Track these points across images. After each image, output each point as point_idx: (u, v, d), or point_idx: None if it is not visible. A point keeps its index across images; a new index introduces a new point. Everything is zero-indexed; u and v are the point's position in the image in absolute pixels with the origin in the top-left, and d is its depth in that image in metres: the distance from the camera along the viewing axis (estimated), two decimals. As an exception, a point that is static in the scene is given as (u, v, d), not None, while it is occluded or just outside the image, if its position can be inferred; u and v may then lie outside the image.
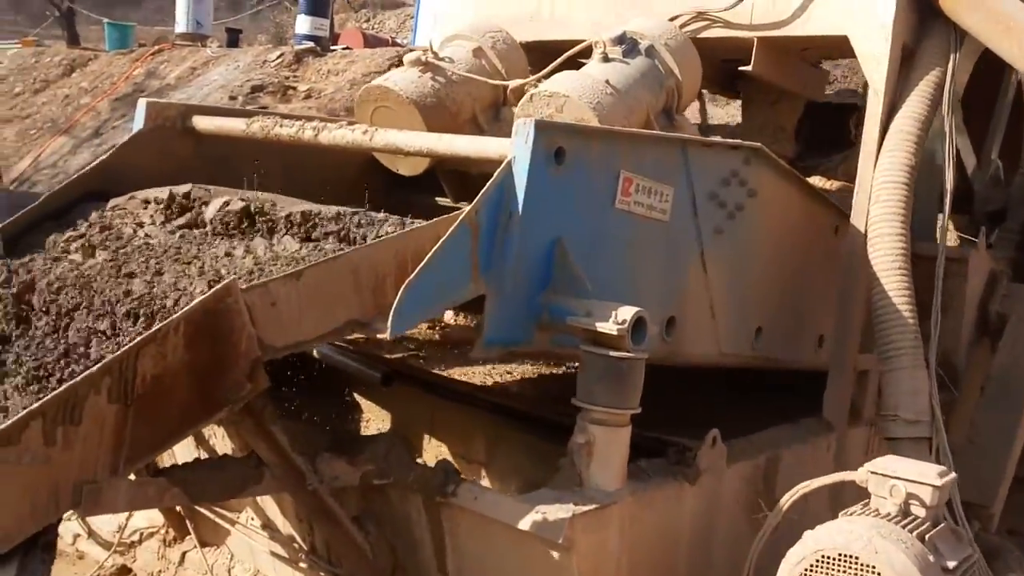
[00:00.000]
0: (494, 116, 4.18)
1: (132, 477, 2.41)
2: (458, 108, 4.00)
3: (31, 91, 17.47)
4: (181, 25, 17.34)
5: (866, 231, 3.81)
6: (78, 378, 2.21)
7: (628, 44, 3.69)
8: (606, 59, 3.66)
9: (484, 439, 4.01)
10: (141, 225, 3.07)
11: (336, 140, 3.33)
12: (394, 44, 19.71)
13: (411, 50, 4.36)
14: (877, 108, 3.85)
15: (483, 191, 2.63)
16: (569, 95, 3.44)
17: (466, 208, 2.61)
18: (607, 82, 3.53)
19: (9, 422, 2.17)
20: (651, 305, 2.84)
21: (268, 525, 3.46)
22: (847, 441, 4.15)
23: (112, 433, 2.27)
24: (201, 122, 3.75)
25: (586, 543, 2.60)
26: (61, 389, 2.20)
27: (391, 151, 3.32)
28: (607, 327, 2.66)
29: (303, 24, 14.90)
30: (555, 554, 2.56)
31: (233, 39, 18.20)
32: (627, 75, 3.62)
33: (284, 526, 3.38)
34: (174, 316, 2.26)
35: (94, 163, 3.54)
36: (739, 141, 3.56)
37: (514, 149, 2.69)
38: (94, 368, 2.21)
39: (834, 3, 3.89)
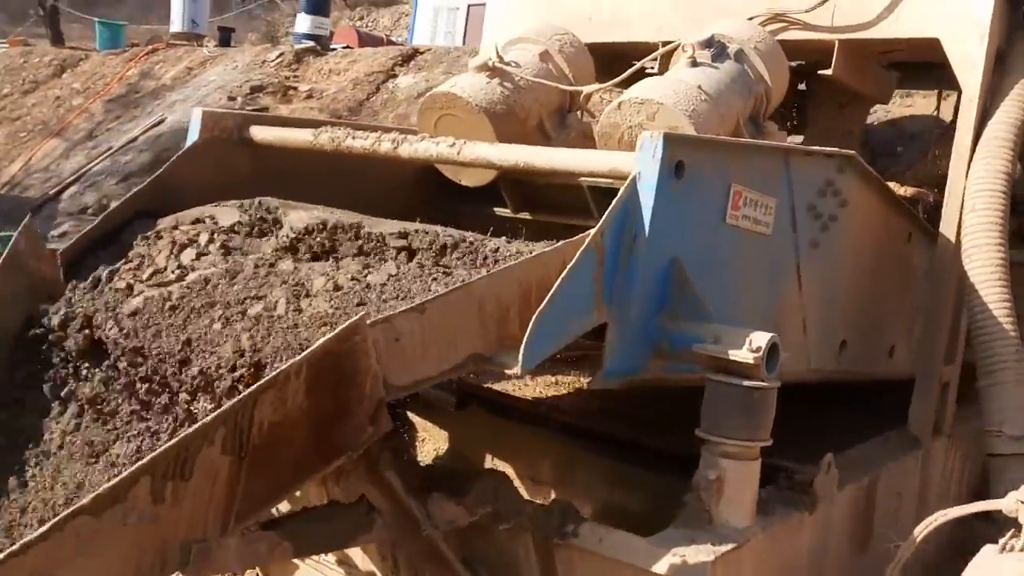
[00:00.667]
0: (560, 122, 3.99)
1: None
2: (526, 115, 3.81)
3: (20, 92, 17.11)
4: (176, 24, 17.03)
5: (959, 241, 3.64)
6: (190, 430, 1.99)
7: (717, 48, 3.50)
8: (694, 63, 3.47)
9: (552, 460, 3.82)
10: (227, 251, 2.84)
11: (418, 153, 3.12)
12: (389, 42, 19.48)
13: (417, 52, 4.12)
14: (970, 114, 3.67)
15: (608, 212, 2.44)
16: (663, 102, 3.24)
17: (591, 231, 2.41)
18: (699, 88, 3.33)
19: (116, 480, 1.95)
20: (755, 326, 2.67)
21: (344, 561, 3.25)
22: (929, 455, 4.00)
23: (224, 488, 2.06)
24: (261, 133, 3.53)
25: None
26: (172, 443, 1.98)
27: (483, 166, 3.11)
28: (741, 355, 2.47)
29: (303, 23, 14.65)
30: (691, 600, 2.37)
31: (225, 38, 17.90)
32: (718, 80, 3.43)
33: (363, 562, 3.17)
34: (296, 359, 2.04)
35: (148, 180, 3.31)
36: (834, 149, 3.38)
37: (639, 164, 2.50)
38: (207, 419, 2.00)
39: (924, 4, 3.71)
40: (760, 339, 2.49)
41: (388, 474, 2.33)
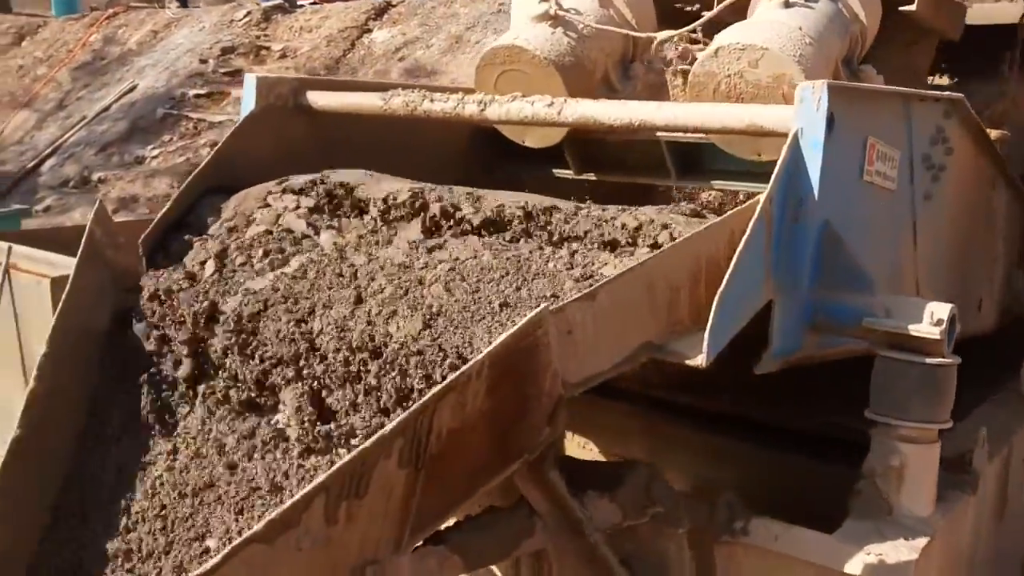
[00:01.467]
0: (624, 73, 3.72)
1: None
2: (593, 66, 3.54)
3: (-22, 63, 16.41)
4: (136, -14, 16.37)
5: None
6: (367, 443, 1.75)
7: (808, -14, 3.23)
8: (788, 3, 3.20)
9: (643, 437, 3.60)
10: (319, 230, 2.57)
11: (510, 115, 2.85)
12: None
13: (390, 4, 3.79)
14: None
15: (775, 175, 2.20)
16: (768, 47, 2.97)
17: (760, 198, 2.17)
18: (801, 30, 3.08)
19: (289, 503, 1.71)
20: (881, 291, 2.47)
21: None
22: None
23: (399, 503, 1.83)
24: (320, 99, 3.23)
25: (919, 582, 2.22)
26: (347, 459, 1.74)
27: (589, 127, 2.84)
28: (924, 329, 2.26)
29: (268, -21, 14.12)
30: (890, 598, 2.18)
31: (183, -1, 17.24)
32: (816, 21, 3.16)
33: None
34: (476, 358, 1.79)
35: (210, 155, 3.00)
36: (942, 93, 3.15)
37: (799, 119, 2.26)
38: (386, 429, 1.75)
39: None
40: (941, 311, 2.28)
41: (552, 475, 2.09)
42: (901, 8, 3.78)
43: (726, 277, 2.04)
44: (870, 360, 3.05)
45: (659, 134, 3.37)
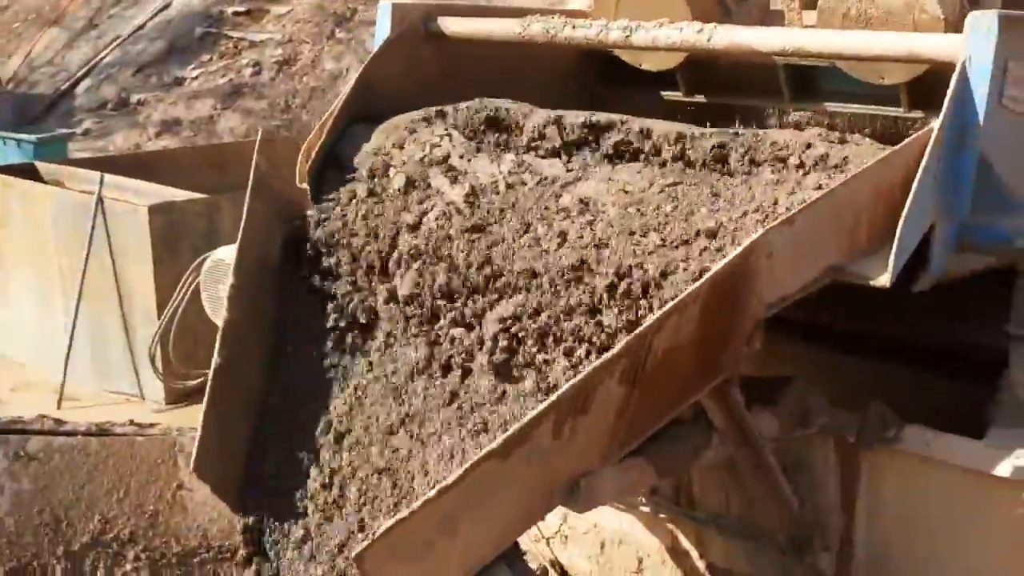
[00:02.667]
0: (739, -4, 3.76)
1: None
2: (709, -15, 3.58)
3: (0, -22, 16.24)
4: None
5: None
6: (597, 363, 1.89)
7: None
8: (916, -71, 3.23)
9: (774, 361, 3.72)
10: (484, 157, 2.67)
11: (658, 42, 2.92)
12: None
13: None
14: None
15: (947, 103, 2.29)
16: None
17: (933, 125, 2.26)
18: (931, -45, 3.11)
19: (525, 420, 1.86)
20: None
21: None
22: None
23: (614, 418, 1.98)
24: (455, 25, 3.30)
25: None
26: (579, 378, 1.88)
27: (743, 53, 2.90)
28: (1073, 247, 2.37)
29: None
30: (1033, 498, 2.33)
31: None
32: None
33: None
34: (697, 283, 1.92)
35: (350, 86, 3.08)
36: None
37: (968, 47, 2.33)
38: (614, 351, 1.89)
39: None
40: (1087, 231, 2.38)
41: (734, 392, 2.24)
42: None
43: (908, 202, 2.15)
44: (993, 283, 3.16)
45: (775, 57, 3.43)
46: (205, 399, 2.36)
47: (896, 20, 3.04)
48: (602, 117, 2.67)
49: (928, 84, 3.19)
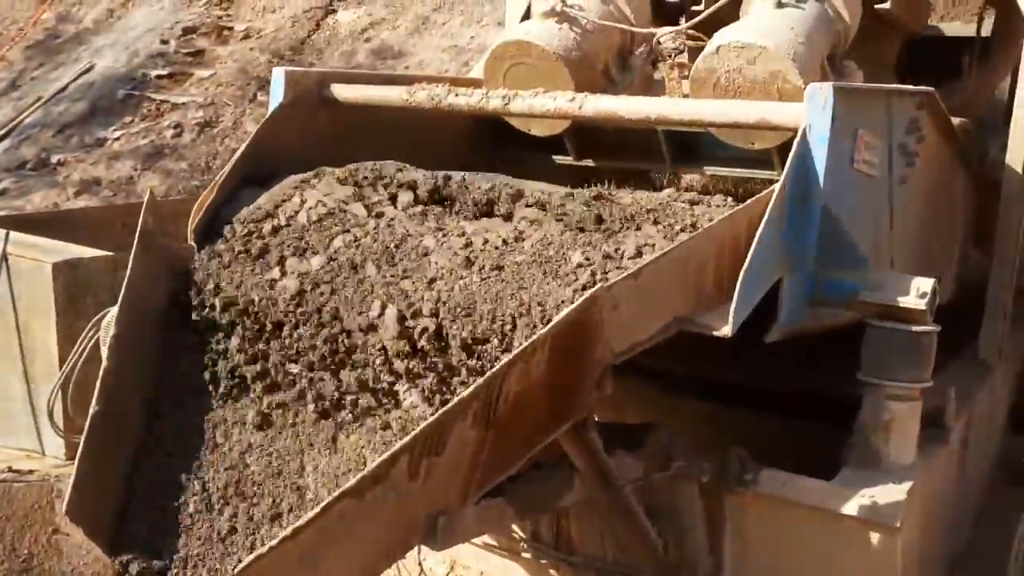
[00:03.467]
0: (622, 66, 3.98)
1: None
2: (595, 59, 3.79)
3: (-77, 41, 16.10)
4: (91, -37, 16.12)
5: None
6: (448, 406, 1.99)
7: (797, -14, 3.50)
8: (780, 4, 3.47)
9: (638, 406, 3.88)
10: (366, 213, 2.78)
11: (533, 109, 3.09)
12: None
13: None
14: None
15: (788, 166, 2.48)
16: (766, 46, 3.24)
17: (775, 186, 2.44)
18: (793, 30, 3.35)
19: (378, 461, 1.95)
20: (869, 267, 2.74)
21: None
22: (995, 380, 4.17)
23: (469, 460, 2.07)
24: (346, 92, 3.43)
25: (907, 524, 2.52)
26: (432, 420, 1.98)
27: (609, 121, 3.08)
28: (911, 301, 2.56)
29: (233, -42, 14.04)
30: (881, 537, 2.48)
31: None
32: (806, 21, 3.44)
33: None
34: (542, 331, 2.04)
35: (242, 148, 3.19)
36: (916, 88, 3.45)
37: (809, 116, 2.53)
38: (465, 394, 1.99)
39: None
40: (925, 284, 2.58)
41: (592, 435, 2.35)
42: (876, 6, 4.09)
43: (749, 255, 2.31)
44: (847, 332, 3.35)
45: (656, 124, 3.62)
46: (81, 443, 2.41)
47: (761, 89, 3.25)
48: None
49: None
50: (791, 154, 2.49)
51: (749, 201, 2.45)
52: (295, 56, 12.25)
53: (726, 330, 2.27)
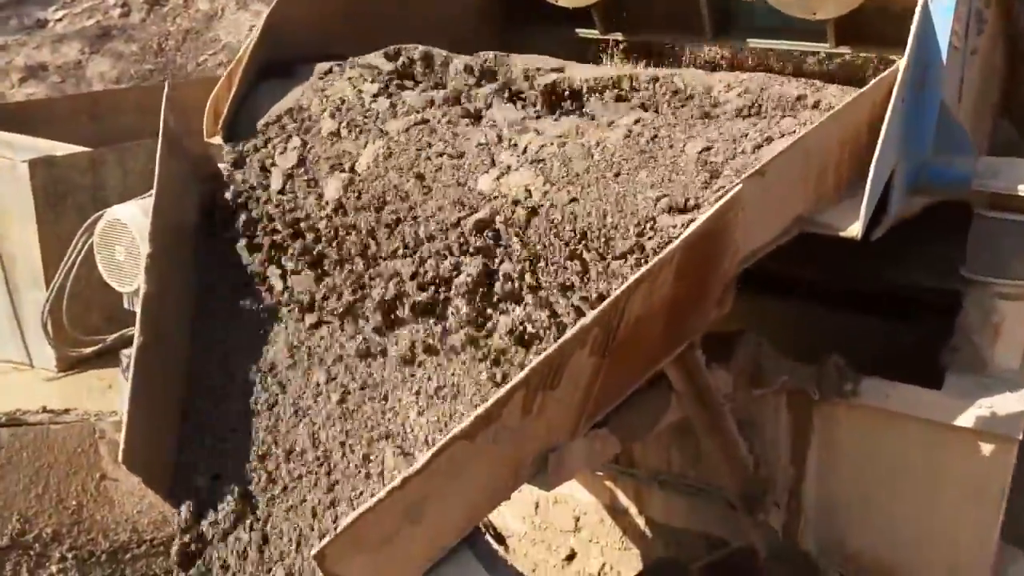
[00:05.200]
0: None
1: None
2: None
3: None
4: None
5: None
6: (567, 335, 1.73)
7: None
8: None
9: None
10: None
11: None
12: None
13: None
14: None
15: (911, 42, 2.18)
16: None
17: (898, 66, 2.15)
18: None
19: (493, 399, 1.70)
20: None
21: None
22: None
23: (584, 390, 1.83)
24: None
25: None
26: (549, 352, 1.72)
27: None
28: (1032, 190, 2.32)
29: None
30: (996, 448, 2.31)
31: None
32: None
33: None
34: (672, 245, 1.77)
35: (256, 33, 2.80)
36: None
37: (931, -16, 2.23)
38: (586, 320, 1.73)
39: None
40: (1045, 171, 2.34)
41: (697, 355, 2.12)
42: None
43: (878, 147, 2.04)
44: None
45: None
46: (130, 382, 2.11)
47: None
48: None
49: (854, 20, 3.11)
50: (913, 28, 2.20)
51: (869, 86, 2.16)
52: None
53: (856, 229, 2.02)
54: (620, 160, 2.05)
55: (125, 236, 3.16)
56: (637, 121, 2.17)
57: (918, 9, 2.22)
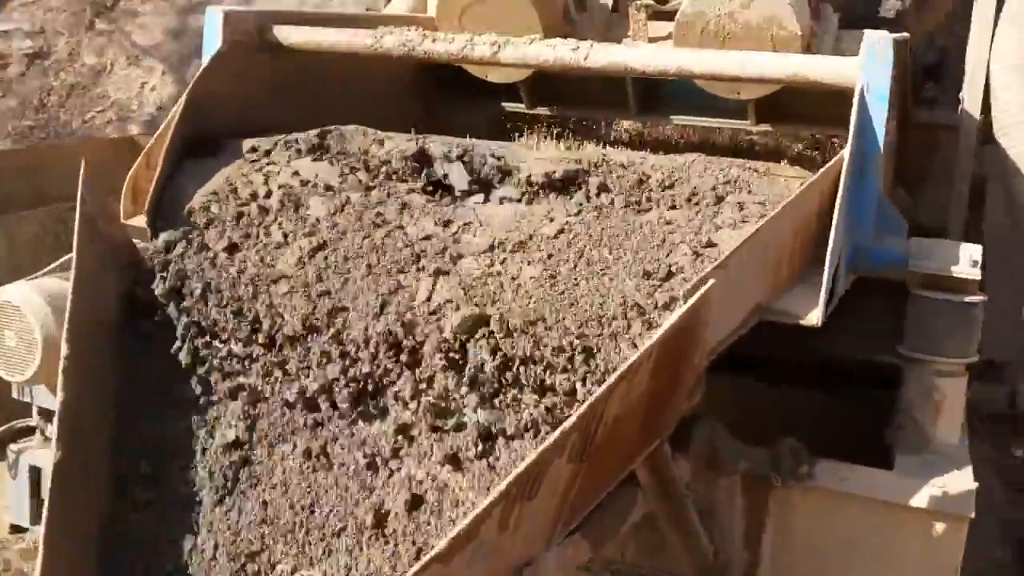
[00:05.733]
0: (579, 6, 3.65)
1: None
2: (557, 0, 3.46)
3: None
4: None
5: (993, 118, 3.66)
6: (547, 443, 1.66)
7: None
8: (760, -58, 3.19)
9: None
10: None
11: (527, 59, 2.71)
12: None
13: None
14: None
15: (852, 133, 2.22)
16: (764, -15, 2.97)
17: (845, 155, 2.19)
18: (784, -29, 3.08)
19: (470, 518, 1.61)
20: None
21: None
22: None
23: (560, 498, 1.76)
24: (294, 35, 2.96)
25: (969, 511, 2.38)
26: (528, 462, 1.64)
27: (620, 73, 2.75)
28: (964, 270, 2.38)
29: None
30: (949, 527, 2.33)
31: None
32: (791, -40, 3.18)
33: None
34: (650, 341, 1.72)
35: (180, 106, 2.67)
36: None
37: (866, 73, 2.28)
38: (565, 425, 1.66)
39: None
40: (975, 252, 2.41)
41: (665, 448, 2.07)
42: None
43: (832, 237, 2.06)
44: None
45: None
46: (46, 508, 1.92)
47: (755, 36, 3.00)
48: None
49: (772, 100, 3.19)
50: (853, 118, 2.23)
51: (819, 174, 2.19)
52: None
53: (816, 316, 2.02)
54: (570, 257, 2.02)
55: (16, 320, 2.92)
56: (579, 213, 2.15)
57: (856, 101, 2.26)
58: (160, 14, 10.70)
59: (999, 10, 3.72)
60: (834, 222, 2.08)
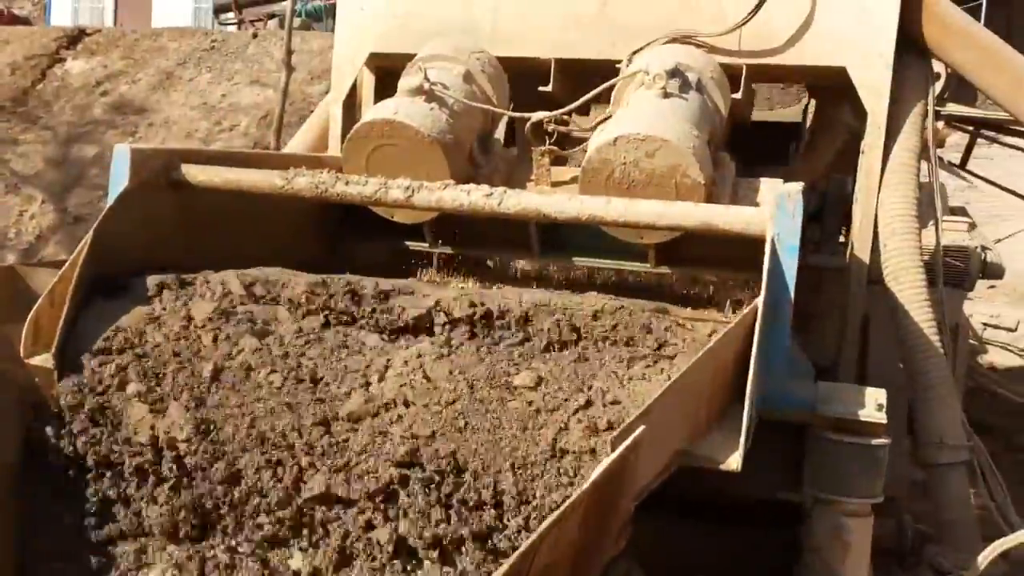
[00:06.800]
0: (484, 150, 3.75)
1: None
2: (464, 143, 3.56)
3: None
4: None
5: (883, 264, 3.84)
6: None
7: (680, 77, 3.43)
8: (666, 94, 3.37)
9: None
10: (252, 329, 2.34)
11: (442, 203, 2.77)
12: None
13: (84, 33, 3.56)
14: (879, 140, 3.89)
15: (764, 282, 2.30)
16: (667, 139, 3.11)
17: (759, 304, 2.27)
18: (687, 122, 3.25)
19: None
20: None
21: None
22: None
23: (489, 651, 1.71)
24: (200, 175, 2.96)
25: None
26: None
27: (532, 219, 2.82)
28: (870, 414, 2.47)
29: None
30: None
31: None
32: (692, 113, 3.36)
33: None
34: (579, 491, 1.72)
35: (85, 245, 2.60)
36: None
37: (776, 224, 2.39)
38: (497, 574, 1.63)
39: (830, 33, 3.87)
40: (880, 396, 2.50)
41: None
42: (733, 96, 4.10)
43: (749, 383, 2.12)
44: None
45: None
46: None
47: (659, 184, 3.11)
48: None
49: (672, 244, 3.31)
50: (765, 268, 2.33)
51: (736, 322, 2.26)
52: (18, 108, 11.04)
53: (736, 461, 2.06)
54: (494, 403, 2.03)
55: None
56: (508, 360, 2.18)
57: (767, 251, 2.36)
58: (41, 143, 10.55)
59: (884, 162, 3.98)
60: (751, 368, 2.14)
